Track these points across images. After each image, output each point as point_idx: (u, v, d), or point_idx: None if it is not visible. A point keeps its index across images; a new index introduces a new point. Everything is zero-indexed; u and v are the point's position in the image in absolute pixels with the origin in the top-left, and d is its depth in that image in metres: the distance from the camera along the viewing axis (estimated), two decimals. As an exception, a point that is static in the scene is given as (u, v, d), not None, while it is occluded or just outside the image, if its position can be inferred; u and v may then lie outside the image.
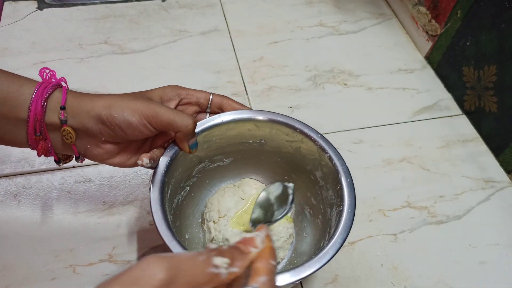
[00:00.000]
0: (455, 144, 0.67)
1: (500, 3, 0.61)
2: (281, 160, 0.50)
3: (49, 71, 0.39)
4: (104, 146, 0.40)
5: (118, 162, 0.41)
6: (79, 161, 0.41)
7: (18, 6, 0.77)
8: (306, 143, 0.46)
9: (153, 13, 0.80)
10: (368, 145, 0.65)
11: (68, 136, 0.38)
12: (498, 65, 0.63)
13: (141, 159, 0.39)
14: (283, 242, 0.47)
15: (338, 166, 0.43)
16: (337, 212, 0.42)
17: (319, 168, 0.46)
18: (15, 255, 0.49)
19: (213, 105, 0.46)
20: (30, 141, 0.38)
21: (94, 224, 0.52)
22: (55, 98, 0.37)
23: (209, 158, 0.48)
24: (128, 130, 0.38)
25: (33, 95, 0.36)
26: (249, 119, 0.45)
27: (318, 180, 0.47)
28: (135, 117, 0.38)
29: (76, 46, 0.72)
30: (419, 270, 0.53)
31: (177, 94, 0.44)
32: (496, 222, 0.58)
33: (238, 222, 0.46)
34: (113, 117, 0.37)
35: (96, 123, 0.38)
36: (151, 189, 0.40)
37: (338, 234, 0.39)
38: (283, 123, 0.46)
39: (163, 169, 0.41)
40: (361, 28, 0.83)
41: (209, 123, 0.44)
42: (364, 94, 0.72)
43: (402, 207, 0.58)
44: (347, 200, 0.41)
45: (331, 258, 0.38)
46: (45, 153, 0.39)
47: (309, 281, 0.51)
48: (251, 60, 0.74)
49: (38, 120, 0.36)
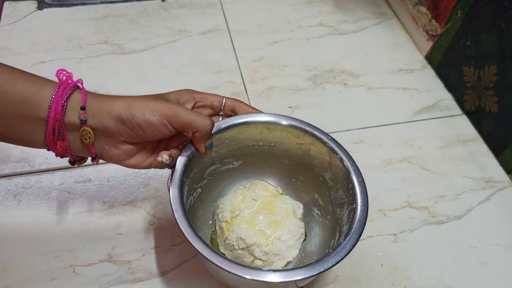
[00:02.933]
0: (455, 144, 0.66)
1: (500, 3, 0.61)
2: (289, 163, 0.51)
3: (66, 72, 0.39)
4: (122, 147, 0.40)
5: (134, 163, 0.42)
6: (95, 162, 0.41)
7: (18, 6, 0.77)
8: (316, 145, 0.47)
9: (153, 13, 0.80)
10: (368, 145, 0.65)
11: (87, 136, 0.39)
12: (498, 65, 0.62)
13: (161, 156, 0.41)
14: (295, 241, 0.48)
15: (349, 166, 0.45)
16: (350, 210, 0.43)
17: (328, 170, 0.47)
18: (15, 255, 0.49)
19: (226, 108, 0.47)
20: (48, 141, 0.38)
21: (94, 224, 0.52)
22: (74, 99, 0.38)
23: (220, 160, 0.50)
24: (148, 130, 0.39)
25: (53, 96, 0.37)
26: (262, 122, 0.47)
27: (327, 181, 0.48)
28: (155, 117, 0.39)
29: (76, 46, 0.72)
30: (419, 270, 0.53)
31: (192, 98, 0.45)
32: (496, 222, 0.58)
33: (250, 222, 0.47)
34: (133, 117, 0.38)
35: (116, 123, 0.38)
36: (171, 187, 0.41)
37: (353, 230, 0.41)
38: (294, 126, 0.47)
39: (181, 168, 0.42)
40: (361, 28, 0.83)
41: (223, 125, 0.46)
42: (364, 94, 0.72)
43: (402, 207, 0.58)
44: (360, 198, 0.43)
45: (349, 253, 0.39)
46: (63, 153, 0.40)
47: (309, 281, 0.51)
48: (251, 60, 0.74)
49: (58, 120, 0.37)
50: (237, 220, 0.47)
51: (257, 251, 0.45)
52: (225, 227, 0.48)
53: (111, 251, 0.50)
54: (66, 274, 0.48)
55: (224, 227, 0.48)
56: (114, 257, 0.50)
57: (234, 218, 0.47)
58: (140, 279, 0.49)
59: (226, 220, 0.48)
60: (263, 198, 0.49)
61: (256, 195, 0.49)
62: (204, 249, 0.37)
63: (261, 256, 0.45)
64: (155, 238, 0.52)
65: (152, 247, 0.51)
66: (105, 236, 0.51)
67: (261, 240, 0.45)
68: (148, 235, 0.52)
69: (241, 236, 0.46)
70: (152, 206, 0.55)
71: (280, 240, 0.46)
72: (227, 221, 0.48)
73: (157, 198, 0.56)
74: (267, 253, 0.45)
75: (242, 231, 0.46)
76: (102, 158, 0.41)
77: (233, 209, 0.48)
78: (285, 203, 0.49)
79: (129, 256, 0.50)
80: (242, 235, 0.46)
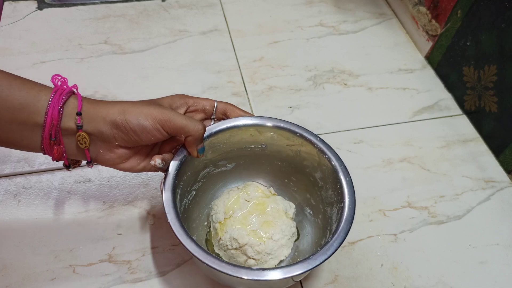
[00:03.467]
0: (455, 144, 0.67)
1: (500, 3, 0.61)
2: (281, 164, 0.52)
3: (61, 77, 0.40)
4: (117, 151, 0.41)
5: (128, 167, 0.43)
6: (90, 166, 0.42)
7: (18, 6, 0.77)
8: (306, 146, 0.48)
9: (153, 13, 0.80)
10: (368, 145, 0.65)
11: (82, 141, 0.39)
12: (498, 65, 0.62)
13: (154, 160, 0.42)
14: (287, 240, 0.48)
15: (337, 166, 0.45)
16: (338, 209, 0.44)
17: (318, 170, 0.48)
18: (15, 255, 0.49)
19: (218, 111, 0.48)
20: (44, 146, 0.39)
21: (94, 224, 0.52)
22: (70, 104, 0.38)
23: (214, 163, 0.50)
24: (142, 134, 0.40)
25: (50, 102, 0.37)
26: (251, 125, 0.47)
27: (318, 181, 0.49)
28: (149, 122, 0.40)
29: (76, 46, 0.72)
30: (419, 270, 0.53)
31: (185, 102, 0.46)
32: (496, 222, 0.58)
33: (243, 222, 0.48)
34: (128, 122, 0.39)
35: (110, 128, 0.39)
36: (164, 190, 0.42)
37: (340, 229, 0.41)
38: (284, 128, 0.48)
39: (174, 171, 0.43)
40: (361, 28, 0.83)
41: (214, 129, 0.46)
42: (364, 94, 0.72)
43: (402, 207, 0.58)
44: (347, 197, 0.43)
45: (335, 251, 0.40)
46: (59, 157, 0.40)
47: (309, 281, 0.51)
48: (251, 60, 0.74)
49: (54, 126, 0.38)
50: (230, 221, 0.48)
51: (250, 251, 0.46)
52: (218, 228, 0.48)
53: (111, 251, 0.50)
54: (66, 274, 0.48)
55: (218, 228, 0.48)
56: (114, 257, 0.50)
57: (228, 219, 0.48)
58: (140, 279, 0.49)
59: (220, 221, 0.48)
60: (255, 199, 0.50)
61: (249, 196, 0.50)
62: (196, 250, 0.38)
63: (254, 255, 0.46)
64: (155, 238, 0.52)
65: (152, 247, 0.51)
66: (105, 236, 0.52)
67: (253, 240, 0.46)
68: (148, 235, 0.52)
69: (234, 236, 0.47)
70: (152, 206, 0.55)
71: (272, 239, 0.47)
72: (220, 222, 0.48)
73: (157, 198, 0.56)
74: (260, 252, 0.46)
75: (235, 232, 0.47)
76: (97, 162, 0.42)
77: (226, 210, 0.49)
78: (277, 203, 0.50)
79: (129, 256, 0.50)
80: (235, 235, 0.46)
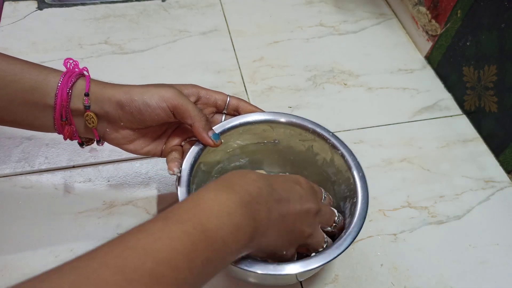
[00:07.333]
0: (455, 144, 0.67)
1: (500, 3, 0.61)
2: (294, 159, 0.52)
3: (72, 61, 0.42)
4: (122, 132, 0.43)
5: (132, 149, 0.44)
6: (100, 144, 0.44)
7: (18, 6, 0.77)
8: (318, 142, 0.48)
9: (153, 13, 0.80)
10: (368, 145, 0.65)
11: (90, 121, 0.41)
12: (498, 65, 0.63)
13: (172, 169, 0.42)
14: None
15: (350, 161, 0.46)
16: (351, 204, 0.45)
17: (331, 165, 0.49)
18: (15, 255, 0.49)
19: (230, 107, 0.48)
20: (56, 126, 0.41)
21: (94, 224, 0.52)
22: (79, 86, 0.40)
23: (227, 158, 0.51)
24: (146, 113, 0.41)
25: (59, 83, 0.39)
26: (264, 121, 0.48)
27: (330, 176, 0.50)
28: (154, 99, 0.41)
29: (76, 46, 0.72)
30: (419, 270, 0.53)
31: (196, 92, 0.46)
32: (496, 222, 0.58)
33: None
34: (133, 100, 0.40)
35: (116, 108, 0.41)
36: (179, 186, 0.42)
37: (354, 224, 0.42)
38: (296, 124, 0.48)
39: (188, 167, 0.43)
40: (361, 28, 0.83)
41: (227, 125, 0.47)
42: (364, 94, 0.72)
43: (402, 207, 0.58)
44: (360, 192, 0.44)
45: (349, 245, 0.41)
46: (70, 136, 0.42)
47: (309, 281, 0.51)
48: (251, 60, 0.74)
49: (64, 106, 0.40)
50: None
51: None
52: None
53: (111, 251, 0.50)
54: (66, 274, 0.48)
55: None
56: (114, 257, 0.50)
57: None
58: (140, 279, 0.49)
59: None
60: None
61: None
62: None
63: None
64: (155, 238, 0.52)
65: (152, 247, 0.51)
66: (105, 236, 0.51)
67: None
68: (148, 235, 0.52)
69: None
70: (152, 206, 0.55)
71: None
72: None
73: (158, 198, 0.56)
74: None
75: None
76: (105, 140, 0.44)
77: None
78: None
79: (129, 256, 0.50)
80: None
